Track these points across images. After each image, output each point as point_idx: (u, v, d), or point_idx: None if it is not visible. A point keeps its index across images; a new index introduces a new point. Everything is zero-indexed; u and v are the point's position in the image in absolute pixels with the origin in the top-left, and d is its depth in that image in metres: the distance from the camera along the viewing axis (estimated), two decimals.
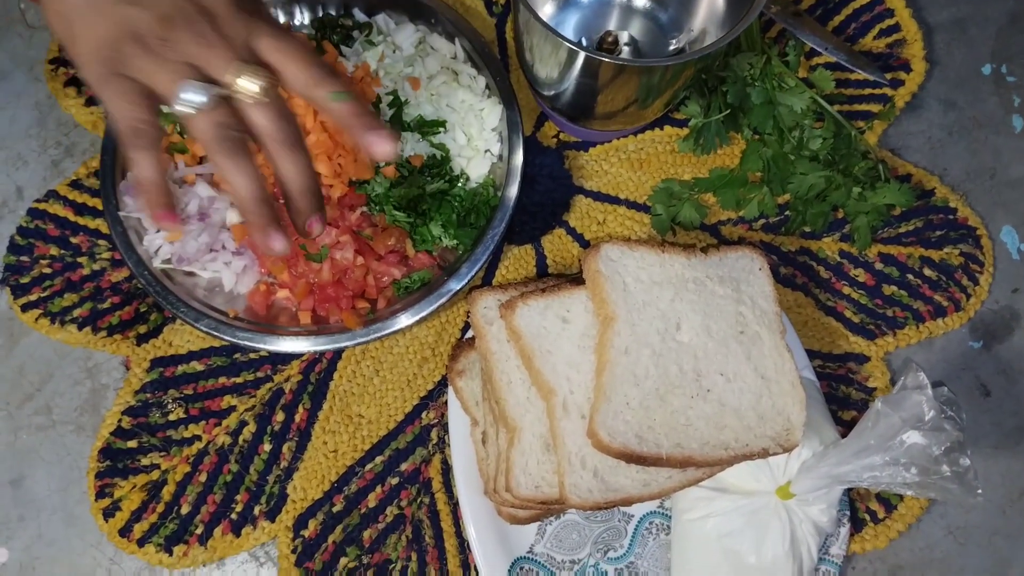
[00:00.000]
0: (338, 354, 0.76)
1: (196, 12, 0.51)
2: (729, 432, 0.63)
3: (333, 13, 0.82)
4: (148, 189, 0.53)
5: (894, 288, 0.80)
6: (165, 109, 0.53)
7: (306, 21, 0.82)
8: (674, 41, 0.81)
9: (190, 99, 0.50)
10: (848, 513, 0.70)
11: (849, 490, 0.72)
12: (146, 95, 0.52)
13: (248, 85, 0.51)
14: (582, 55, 0.65)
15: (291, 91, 0.54)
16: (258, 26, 0.53)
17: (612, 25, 0.82)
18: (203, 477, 0.72)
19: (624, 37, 0.81)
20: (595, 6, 0.82)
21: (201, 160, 0.74)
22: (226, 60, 0.51)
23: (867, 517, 0.73)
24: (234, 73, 0.51)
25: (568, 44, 0.64)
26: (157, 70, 0.51)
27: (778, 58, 0.80)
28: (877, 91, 0.86)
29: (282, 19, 0.81)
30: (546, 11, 0.81)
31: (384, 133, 0.54)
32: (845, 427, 0.75)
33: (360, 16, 0.81)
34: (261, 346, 0.70)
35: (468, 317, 0.74)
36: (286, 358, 0.75)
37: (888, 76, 0.85)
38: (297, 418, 0.74)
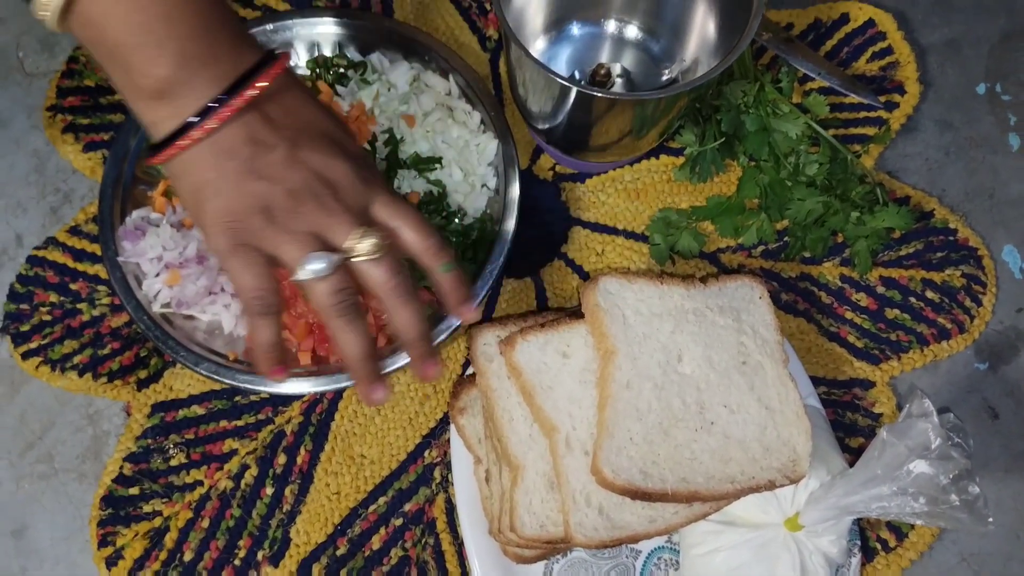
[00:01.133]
0: (339, 394, 0.75)
1: (321, 185, 0.54)
2: (735, 465, 0.63)
3: (328, 53, 0.82)
4: (267, 352, 0.57)
5: (897, 311, 0.79)
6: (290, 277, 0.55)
7: (301, 61, 0.82)
8: (667, 71, 0.81)
9: (314, 268, 0.54)
10: (859, 543, 0.69)
11: (859, 519, 0.71)
12: (270, 265, 0.55)
13: (366, 245, 0.54)
14: (574, 90, 0.66)
15: (408, 254, 0.58)
16: (376, 192, 0.56)
17: (604, 57, 0.83)
18: (205, 523, 0.71)
19: (617, 69, 0.81)
20: (587, 39, 0.83)
21: None
22: (348, 228, 0.54)
23: (878, 546, 0.72)
24: (355, 239, 0.54)
25: (560, 80, 0.65)
26: (283, 242, 0.54)
27: (771, 84, 0.80)
28: (872, 114, 0.86)
29: None
30: (538, 46, 0.82)
31: (473, 304, 0.63)
32: (853, 454, 0.74)
33: (354, 55, 0.82)
34: (262, 388, 0.70)
35: (468, 353, 0.73)
36: (287, 399, 0.75)
37: (882, 99, 0.86)
38: (299, 460, 0.73)
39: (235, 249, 0.54)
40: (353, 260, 0.55)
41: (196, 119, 0.52)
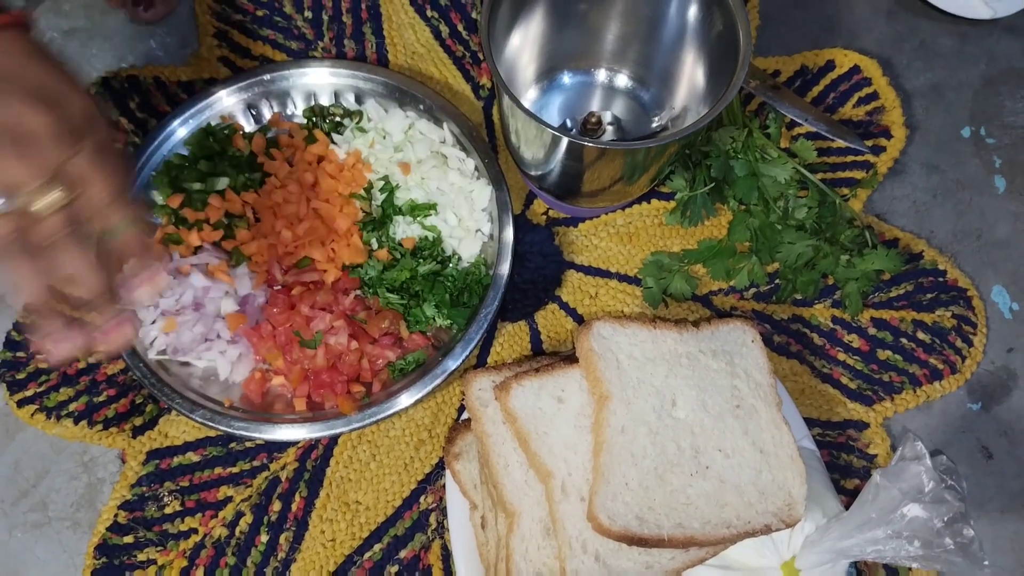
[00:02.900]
0: (334, 440, 0.75)
1: (7, 136, 0.52)
2: (730, 510, 0.63)
3: (324, 102, 0.84)
4: None
5: (889, 352, 0.80)
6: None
7: (298, 111, 0.84)
8: (656, 119, 0.83)
9: None
10: None
11: (856, 562, 0.71)
12: None
13: (43, 201, 0.53)
14: (565, 140, 0.67)
15: (90, 209, 0.56)
16: (80, 148, 0.55)
17: (595, 106, 0.84)
18: (200, 572, 0.70)
19: (607, 117, 0.83)
20: (578, 87, 0.85)
21: (196, 251, 0.75)
22: (25, 179, 0.53)
23: None
24: (31, 193, 0.53)
25: (551, 130, 0.66)
26: None
27: (759, 130, 0.82)
28: (859, 158, 0.87)
29: (275, 108, 0.83)
30: (530, 95, 0.84)
31: (148, 277, 0.58)
32: (848, 496, 0.74)
33: (350, 104, 0.83)
34: (257, 435, 0.70)
35: (464, 399, 0.74)
36: (282, 446, 0.75)
37: (869, 143, 0.87)
38: (294, 507, 0.73)
39: None
40: (31, 211, 0.54)
41: None
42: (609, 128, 0.83)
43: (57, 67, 0.58)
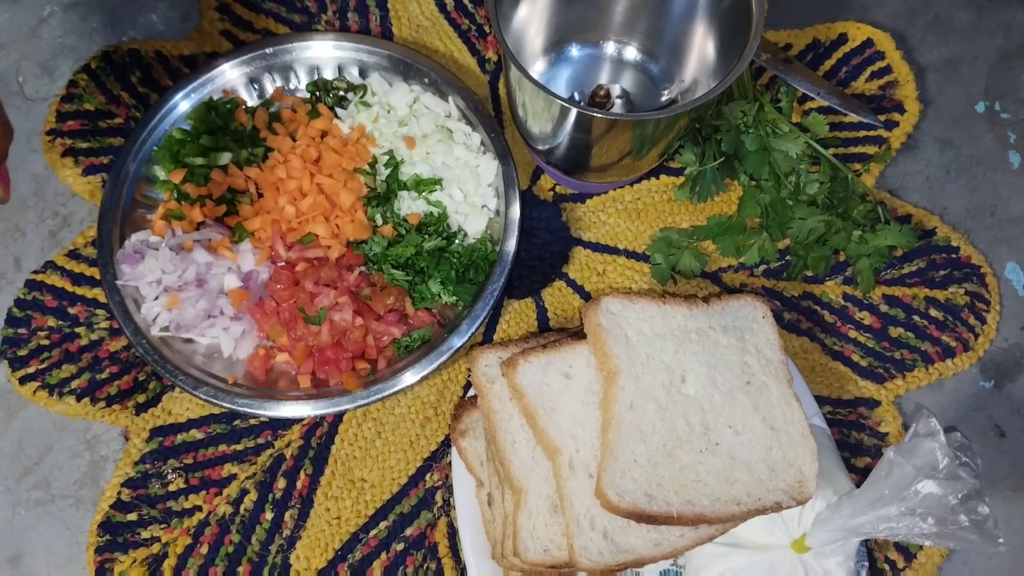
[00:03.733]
0: (339, 417, 0.75)
1: None
2: (740, 487, 0.62)
3: (328, 76, 0.82)
4: None
5: (901, 330, 0.79)
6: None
7: (301, 85, 0.83)
8: (666, 92, 0.81)
9: None
10: (867, 564, 0.68)
11: (867, 540, 0.70)
12: None
13: None
14: (574, 111, 0.66)
15: None
16: None
17: (604, 79, 0.83)
18: (204, 549, 0.70)
19: (616, 90, 0.81)
20: (586, 60, 0.83)
21: (198, 227, 0.74)
22: None
23: (887, 568, 0.71)
24: None
25: (560, 101, 0.64)
26: None
27: (771, 104, 0.80)
28: (872, 133, 0.86)
29: (278, 82, 0.82)
30: (537, 67, 0.82)
31: None
32: (859, 474, 0.73)
33: (354, 78, 0.82)
34: (261, 412, 0.69)
35: (470, 375, 0.73)
36: (286, 423, 0.74)
37: (882, 118, 0.86)
38: (299, 484, 0.72)
39: None
40: None
41: None
42: (618, 101, 0.81)
43: None
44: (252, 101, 0.82)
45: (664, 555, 0.62)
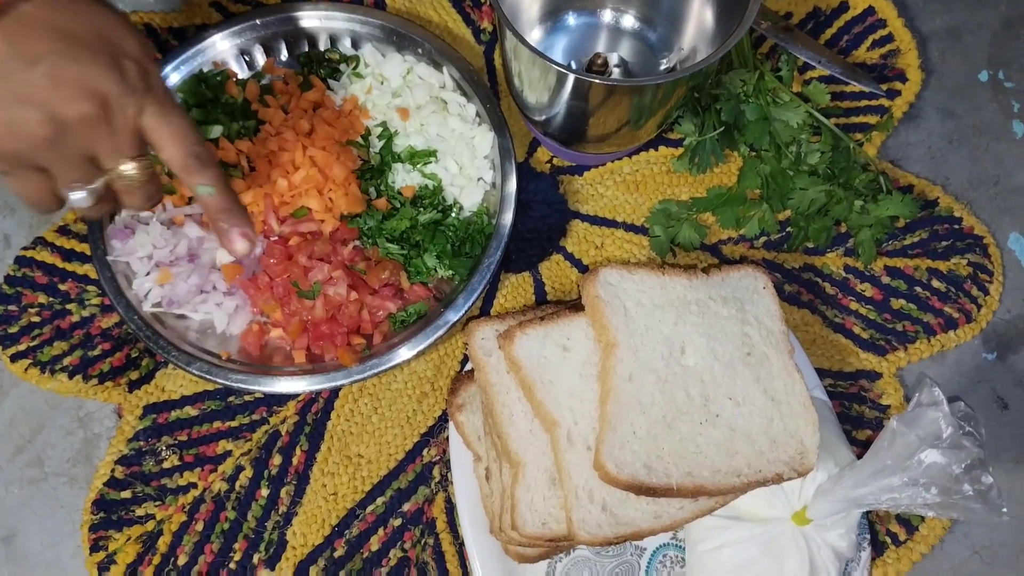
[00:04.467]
0: (335, 393, 0.74)
1: (88, 104, 0.49)
2: (741, 458, 0.61)
3: (320, 47, 0.81)
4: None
5: (903, 302, 0.78)
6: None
7: (293, 56, 0.81)
8: (664, 60, 0.80)
9: (77, 201, 0.53)
10: (868, 537, 0.67)
11: (868, 512, 0.70)
12: (48, 188, 0.53)
13: (128, 170, 0.53)
14: (571, 78, 0.64)
15: (169, 168, 0.55)
16: (147, 100, 0.52)
17: (601, 47, 0.81)
18: (199, 526, 0.69)
19: (614, 59, 0.80)
20: (583, 29, 0.82)
21: (189, 201, 0.73)
22: (113, 154, 0.52)
23: (888, 540, 0.71)
24: (118, 165, 0.53)
25: (557, 67, 0.63)
26: (50, 169, 0.52)
27: (771, 73, 0.79)
28: (874, 103, 0.85)
29: (269, 54, 0.80)
30: (533, 36, 0.81)
31: (242, 232, 0.57)
32: (860, 447, 0.73)
33: (347, 49, 0.81)
34: (255, 388, 0.68)
35: (466, 349, 0.72)
36: (282, 399, 0.73)
37: (884, 87, 0.84)
38: (295, 461, 0.72)
39: (5, 173, 0.52)
40: (115, 180, 0.54)
41: None
42: (616, 71, 0.80)
43: (100, 3, 0.53)
44: (243, 73, 0.80)
45: (664, 527, 0.61)
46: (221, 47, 0.79)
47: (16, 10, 0.49)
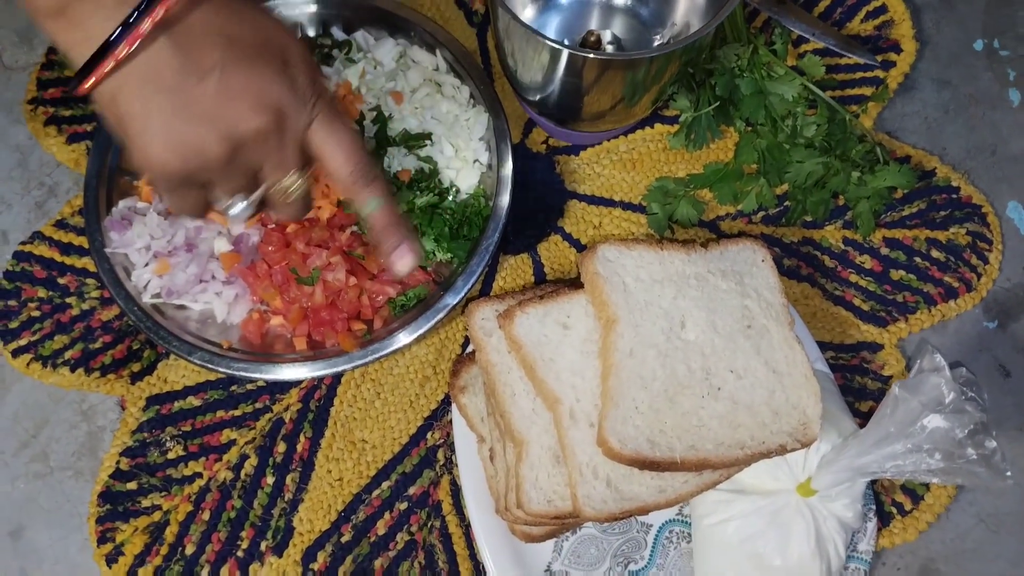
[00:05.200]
0: (337, 379, 0.74)
1: (259, 117, 0.48)
2: (744, 430, 0.61)
3: (312, 33, 0.80)
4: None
5: (902, 272, 0.78)
6: None
7: None
8: (657, 37, 0.79)
9: (236, 213, 0.54)
10: (874, 507, 0.67)
11: (873, 483, 0.70)
12: (204, 200, 0.54)
13: (287, 182, 0.53)
14: (565, 54, 0.64)
15: (332, 180, 0.55)
16: (315, 109, 0.51)
17: (594, 24, 0.81)
18: (206, 515, 0.69)
19: (607, 36, 0.80)
20: (575, 6, 0.81)
21: None
22: (279, 169, 0.52)
23: (894, 510, 0.71)
24: (281, 179, 0.53)
25: (550, 44, 0.63)
26: (214, 186, 0.52)
27: (765, 47, 0.79)
28: (869, 74, 0.84)
29: None
30: (526, 15, 0.80)
31: (411, 247, 0.57)
32: (863, 419, 0.73)
33: (339, 34, 0.80)
34: (258, 376, 0.68)
35: (467, 331, 0.72)
36: (284, 387, 0.73)
37: (879, 58, 0.84)
38: (299, 448, 0.72)
39: (168, 190, 0.52)
40: (274, 192, 0.53)
41: (114, 41, 0.45)
42: (609, 47, 0.79)
43: (264, 12, 0.51)
44: None
45: (668, 502, 0.61)
46: None
47: (187, 19, 0.46)
